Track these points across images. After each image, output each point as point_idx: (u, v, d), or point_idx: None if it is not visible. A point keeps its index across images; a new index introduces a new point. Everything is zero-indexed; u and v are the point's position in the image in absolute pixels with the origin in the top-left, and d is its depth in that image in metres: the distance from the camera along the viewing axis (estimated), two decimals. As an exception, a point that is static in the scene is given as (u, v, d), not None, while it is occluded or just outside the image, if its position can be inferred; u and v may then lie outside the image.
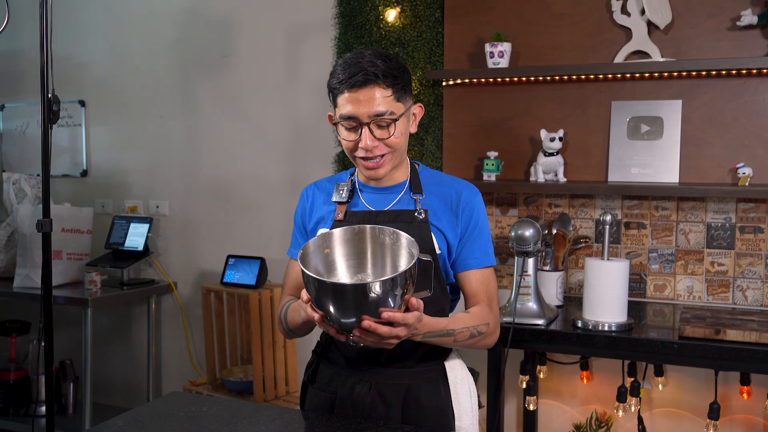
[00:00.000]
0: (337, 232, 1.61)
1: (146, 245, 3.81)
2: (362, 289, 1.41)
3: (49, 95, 2.15)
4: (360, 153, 1.70)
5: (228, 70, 3.78)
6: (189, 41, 3.87)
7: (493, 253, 1.81)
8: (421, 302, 1.52)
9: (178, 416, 1.69)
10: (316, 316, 1.50)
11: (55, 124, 2.26)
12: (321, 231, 1.77)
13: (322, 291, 1.44)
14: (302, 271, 1.47)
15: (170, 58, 3.92)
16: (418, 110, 1.80)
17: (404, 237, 1.56)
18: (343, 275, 1.61)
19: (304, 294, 1.51)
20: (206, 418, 1.69)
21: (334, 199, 1.81)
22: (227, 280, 3.55)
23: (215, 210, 3.87)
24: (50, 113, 2.15)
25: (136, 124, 4.03)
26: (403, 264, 1.54)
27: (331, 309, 1.44)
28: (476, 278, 1.77)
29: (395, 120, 1.68)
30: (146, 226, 3.82)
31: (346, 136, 1.71)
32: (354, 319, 1.45)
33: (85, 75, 4.13)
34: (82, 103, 4.14)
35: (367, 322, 1.44)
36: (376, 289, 1.40)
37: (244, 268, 3.53)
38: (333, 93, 1.73)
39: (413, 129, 1.79)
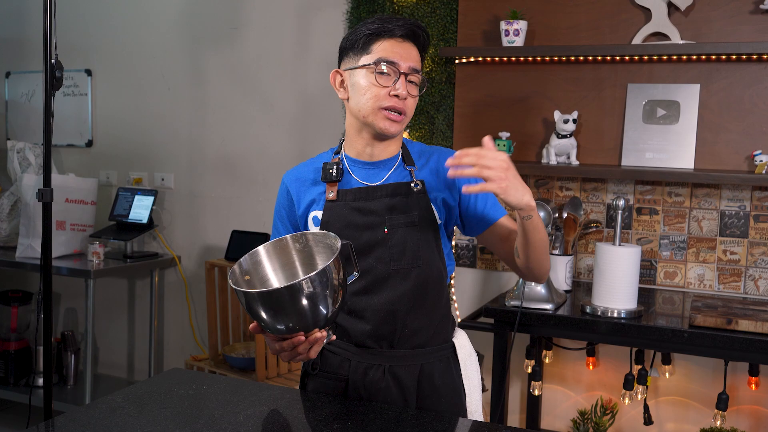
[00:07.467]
0: (262, 249, 1.58)
1: (150, 218, 3.77)
2: (293, 288, 1.39)
3: (52, 61, 2.10)
4: (388, 102, 1.64)
5: (237, 42, 3.71)
6: (198, 12, 3.80)
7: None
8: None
9: (178, 394, 1.66)
10: (274, 345, 1.51)
11: (60, 92, 2.21)
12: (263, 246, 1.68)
13: (251, 302, 1.42)
14: (234, 289, 1.45)
15: (179, 29, 3.85)
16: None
17: (321, 234, 1.57)
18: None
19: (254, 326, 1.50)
20: (206, 396, 1.65)
21: (323, 178, 1.74)
22: (232, 256, 3.52)
23: (221, 184, 3.83)
24: (53, 79, 2.10)
25: (143, 95, 3.98)
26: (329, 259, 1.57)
27: (264, 317, 1.43)
28: (504, 221, 1.73)
29: (423, 82, 1.71)
30: (151, 199, 3.78)
31: (381, 81, 1.64)
32: (289, 324, 1.43)
33: (93, 44, 4.07)
34: (89, 73, 4.08)
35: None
36: (306, 286, 1.39)
37: (249, 244, 3.48)
38: (369, 38, 1.66)
39: None
